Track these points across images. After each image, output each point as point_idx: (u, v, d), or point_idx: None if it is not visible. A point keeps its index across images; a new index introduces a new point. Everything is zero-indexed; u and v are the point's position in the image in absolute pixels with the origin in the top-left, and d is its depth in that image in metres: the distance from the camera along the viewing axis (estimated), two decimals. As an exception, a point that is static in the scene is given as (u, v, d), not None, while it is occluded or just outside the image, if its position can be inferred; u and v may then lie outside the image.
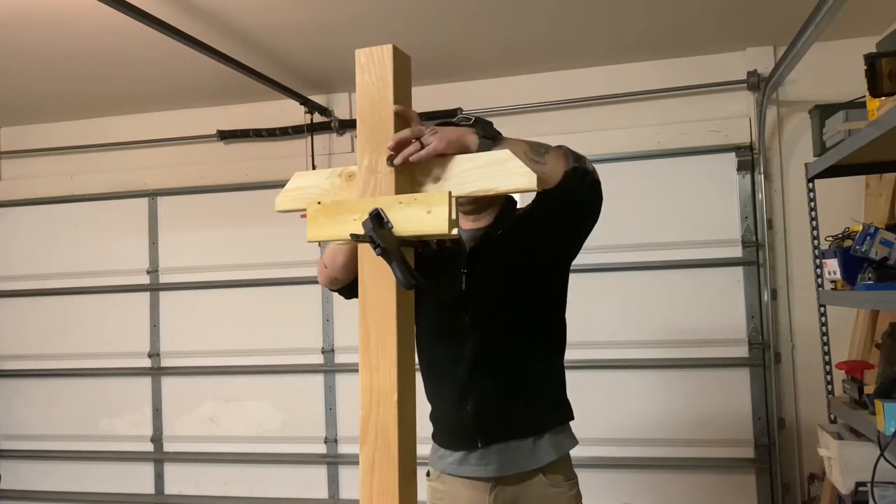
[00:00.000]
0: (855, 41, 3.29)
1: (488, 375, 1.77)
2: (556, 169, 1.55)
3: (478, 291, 1.79)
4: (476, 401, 1.78)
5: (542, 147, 1.57)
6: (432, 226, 1.31)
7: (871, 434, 2.16)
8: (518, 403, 1.78)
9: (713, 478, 3.51)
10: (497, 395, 1.78)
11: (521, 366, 1.79)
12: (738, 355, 3.52)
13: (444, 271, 1.84)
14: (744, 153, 3.54)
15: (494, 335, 1.78)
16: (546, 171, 1.52)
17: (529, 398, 1.79)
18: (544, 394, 1.82)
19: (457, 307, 1.81)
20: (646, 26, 3.24)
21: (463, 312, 1.80)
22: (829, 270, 2.56)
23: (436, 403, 1.89)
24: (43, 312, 4.44)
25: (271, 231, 4.01)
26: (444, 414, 1.86)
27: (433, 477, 1.90)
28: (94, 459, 4.33)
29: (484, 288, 1.79)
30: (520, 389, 1.78)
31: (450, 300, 1.82)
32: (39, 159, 4.52)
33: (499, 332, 1.78)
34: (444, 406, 1.86)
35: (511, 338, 1.79)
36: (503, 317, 1.78)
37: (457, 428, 1.81)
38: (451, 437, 1.84)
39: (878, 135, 1.94)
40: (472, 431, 1.78)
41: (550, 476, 1.78)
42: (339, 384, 4.02)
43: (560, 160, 1.58)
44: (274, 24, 3.05)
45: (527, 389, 1.79)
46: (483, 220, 1.85)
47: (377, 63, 1.37)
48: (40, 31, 3.02)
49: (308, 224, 1.42)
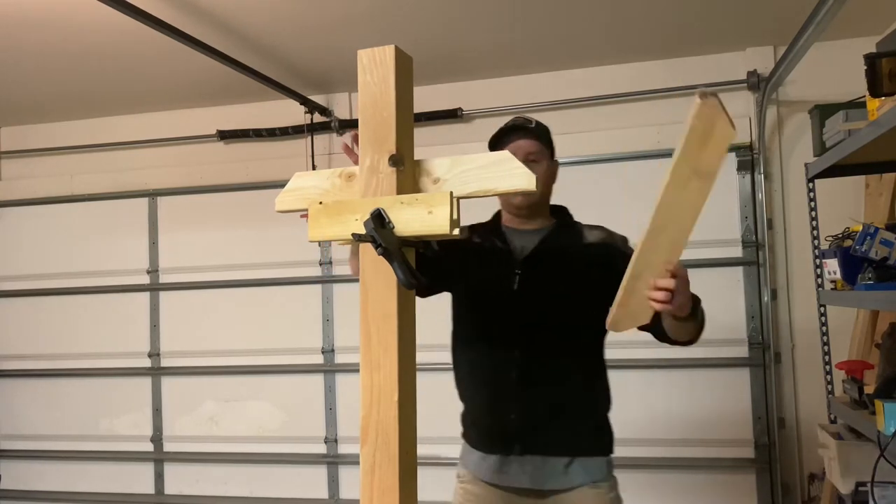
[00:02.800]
0: (855, 41, 3.29)
1: (538, 385, 1.74)
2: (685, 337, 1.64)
3: (531, 295, 1.76)
4: (521, 408, 1.75)
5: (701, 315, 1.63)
6: (433, 226, 1.31)
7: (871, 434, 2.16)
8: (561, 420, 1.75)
9: (713, 478, 3.51)
10: (543, 407, 1.74)
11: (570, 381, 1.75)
12: (738, 355, 3.52)
13: (492, 269, 1.80)
14: (744, 153, 3.54)
15: (545, 344, 1.74)
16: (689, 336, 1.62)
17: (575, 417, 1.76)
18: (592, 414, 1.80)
19: (507, 308, 1.77)
20: (646, 26, 3.24)
21: (513, 314, 1.76)
22: (829, 270, 2.56)
23: (473, 403, 1.87)
24: (43, 312, 4.44)
25: (271, 231, 4.01)
26: (483, 414, 1.83)
27: (466, 479, 1.88)
28: (94, 459, 4.33)
29: (538, 293, 1.75)
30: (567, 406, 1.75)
31: (502, 300, 1.78)
32: (39, 159, 4.52)
33: (549, 341, 1.74)
34: (483, 407, 1.83)
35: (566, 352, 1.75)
36: (555, 326, 1.74)
37: (495, 431, 1.78)
38: (487, 439, 1.80)
39: (878, 135, 1.94)
40: (511, 437, 1.75)
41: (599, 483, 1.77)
42: (339, 384, 4.02)
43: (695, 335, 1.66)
44: (274, 24, 3.05)
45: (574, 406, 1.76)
46: (536, 222, 1.83)
47: (379, 64, 1.37)
48: (40, 31, 3.02)
49: (309, 224, 1.42)
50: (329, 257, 4.03)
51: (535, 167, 1.73)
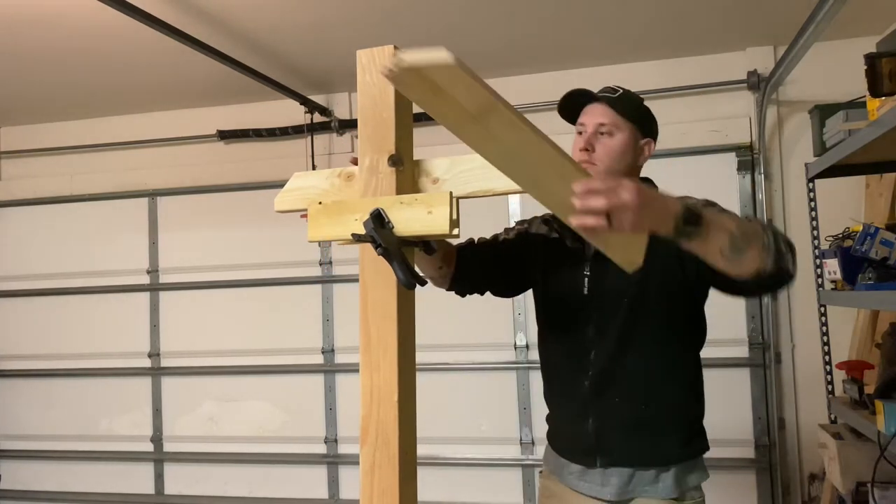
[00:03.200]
0: (855, 41, 3.29)
1: (613, 394, 1.63)
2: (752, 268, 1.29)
3: (602, 299, 1.63)
4: (598, 419, 1.63)
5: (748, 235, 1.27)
6: (433, 226, 1.31)
7: (871, 434, 2.17)
8: (644, 431, 1.62)
9: (713, 478, 3.48)
10: (621, 419, 1.62)
11: (652, 388, 1.63)
12: (738, 355, 3.52)
13: (564, 270, 1.69)
14: (744, 153, 3.54)
15: (621, 349, 1.61)
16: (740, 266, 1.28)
17: (657, 426, 1.63)
18: (678, 425, 1.65)
19: (579, 313, 1.66)
20: (646, 26, 3.24)
21: (585, 320, 1.65)
22: (829, 270, 2.56)
23: (554, 409, 1.77)
24: (43, 312, 4.44)
25: (271, 231, 4.01)
26: (563, 423, 1.73)
27: (549, 477, 1.78)
28: (94, 459, 4.33)
29: (608, 297, 1.62)
30: (647, 415, 1.62)
31: (572, 304, 1.67)
32: (39, 159, 4.52)
33: (625, 346, 1.61)
34: (563, 414, 1.73)
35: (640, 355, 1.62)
36: (631, 334, 1.61)
37: (575, 441, 1.68)
38: (569, 449, 1.71)
39: (878, 135, 1.94)
40: (591, 449, 1.65)
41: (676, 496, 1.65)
42: (339, 384, 4.02)
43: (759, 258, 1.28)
44: (274, 24, 3.05)
45: (655, 416, 1.62)
46: None
47: (378, 64, 1.37)
48: (40, 31, 3.02)
49: (309, 224, 1.42)
50: (329, 257, 4.03)
51: (604, 140, 1.65)
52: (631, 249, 1.26)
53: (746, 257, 1.26)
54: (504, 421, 3.73)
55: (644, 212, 1.09)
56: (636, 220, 1.08)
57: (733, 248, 1.24)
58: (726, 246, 1.23)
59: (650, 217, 1.12)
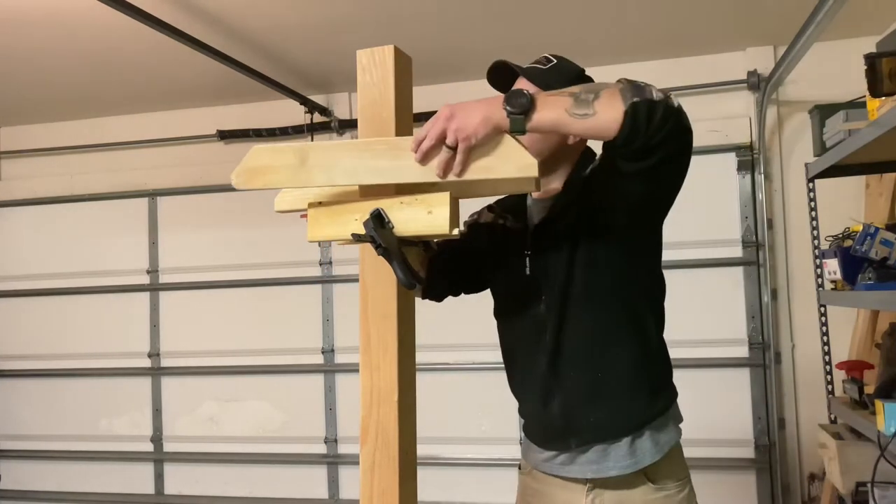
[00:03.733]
0: (855, 41, 3.29)
1: (572, 370, 1.56)
2: (611, 114, 1.24)
3: (546, 275, 1.56)
4: (562, 399, 1.57)
5: (591, 92, 1.27)
6: (433, 226, 1.32)
7: (871, 434, 2.16)
8: (610, 401, 1.54)
9: (713, 478, 3.51)
10: (585, 392, 1.55)
11: (611, 356, 1.54)
12: (738, 355, 3.52)
13: (509, 253, 1.63)
14: (744, 153, 3.54)
15: (574, 323, 1.54)
16: (597, 122, 1.25)
17: (623, 392, 1.55)
18: (640, 384, 1.56)
19: (526, 294, 1.59)
20: (646, 26, 3.24)
21: (534, 300, 1.58)
22: (829, 270, 2.56)
23: (521, 398, 1.70)
24: (43, 312, 4.44)
25: (271, 231, 4.01)
26: (532, 410, 1.66)
27: (525, 471, 1.73)
28: (94, 459, 4.33)
29: (552, 270, 1.55)
30: (611, 383, 1.54)
31: (518, 287, 1.61)
32: (39, 159, 4.52)
33: (578, 319, 1.54)
34: (530, 402, 1.66)
35: (594, 324, 1.54)
36: (580, 301, 1.53)
37: (546, 426, 1.62)
38: (542, 435, 1.65)
39: (878, 135, 1.94)
40: (563, 432, 1.58)
41: (655, 478, 1.56)
42: (339, 384, 4.02)
43: (615, 102, 1.25)
44: (274, 24, 3.05)
45: (619, 382, 1.54)
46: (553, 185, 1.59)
47: (379, 64, 1.37)
48: (40, 31, 3.02)
49: (309, 224, 1.42)
50: (329, 257, 4.03)
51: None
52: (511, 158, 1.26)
53: (600, 104, 1.25)
54: (504, 421, 3.73)
55: (462, 115, 1.24)
56: (462, 126, 1.23)
57: (578, 103, 1.25)
58: (570, 105, 1.26)
59: (473, 116, 1.24)
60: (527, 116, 1.25)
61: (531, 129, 1.27)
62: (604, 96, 1.26)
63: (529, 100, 1.25)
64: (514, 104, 1.25)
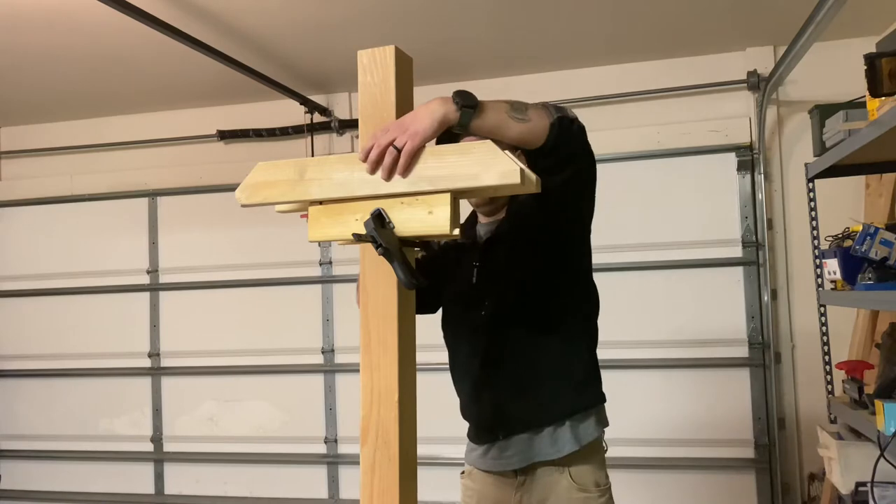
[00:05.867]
0: (855, 41, 3.29)
1: (500, 367, 1.73)
2: (541, 122, 1.43)
3: (489, 283, 1.75)
4: (491, 394, 1.75)
5: (522, 104, 1.45)
6: (434, 226, 1.32)
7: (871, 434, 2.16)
8: (532, 393, 1.71)
9: (713, 478, 3.51)
10: (511, 388, 1.72)
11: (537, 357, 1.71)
12: (738, 355, 3.52)
13: (460, 265, 1.82)
14: (744, 153, 3.54)
15: (507, 326, 1.73)
16: (531, 127, 1.42)
17: (545, 388, 1.71)
18: (563, 382, 1.72)
19: (470, 301, 1.77)
20: (646, 26, 3.24)
21: (476, 306, 1.76)
22: (829, 270, 2.56)
23: (460, 398, 1.88)
24: (43, 312, 4.44)
25: (271, 231, 4.01)
26: (467, 408, 1.85)
27: (465, 474, 1.88)
28: (94, 459, 4.33)
29: (494, 279, 1.75)
30: (535, 381, 1.71)
31: (464, 295, 1.79)
32: (39, 159, 4.52)
33: (511, 322, 1.72)
34: (466, 400, 1.85)
35: (525, 326, 1.72)
36: (514, 306, 1.72)
37: (478, 421, 1.81)
38: (475, 431, 1.82)
39: (878, 135, 1.94)
40: (491, 424, 1.75)
41: (578, 479, 1.70)
42: (339, 384, 4.02)
43: (542, 113, 1.45)
44: (274, 24, 3.05)
45: (541, 380, 1.71)
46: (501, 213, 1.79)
47: (379, 64, 1.37)
48: (40, 31, 3.02)
49: (309, 224, 1.42)
50: (329, 257, 4.03)
51: None
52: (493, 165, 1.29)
53: (532, 114, 1.43)
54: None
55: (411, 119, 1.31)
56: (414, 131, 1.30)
57: (515, 109, 1.41)
58: (508, 109, 1.41)
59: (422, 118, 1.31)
60: (475, 111, 1.35)
61: (475, 127, 1.37)
62: (532, 108, 1.44)
63: (476, 100, 1.37)
64: (465, 98, 1.35)
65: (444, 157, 1.32)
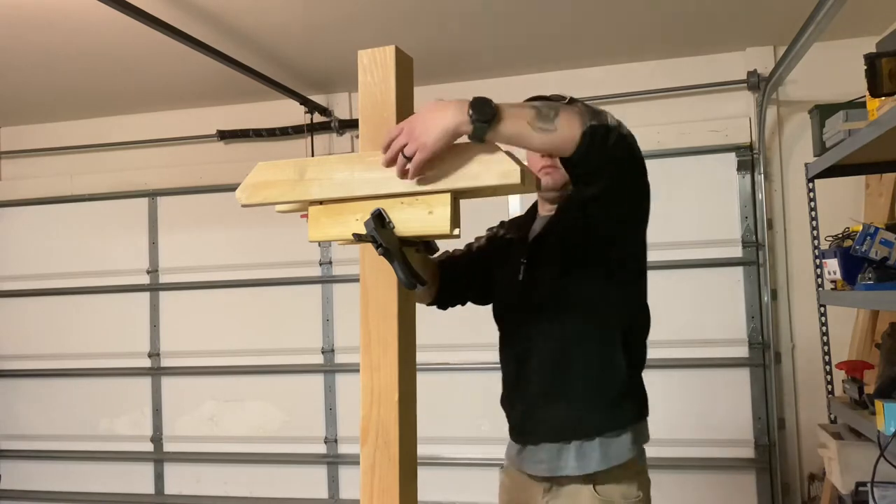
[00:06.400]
0: (855, 41, 3.29)
1: (536, 373, 1.68)
2: (570, 132, 1.33)
3: (534, 283, 1.69)
4: (523, 399, 1.71)
5: (552, 110, 1.34)
6: (434, 226, 1.32)
7: (871, 434, 2.16)
8: (563, 403, 1.64)
9: (713, 478, 3.51)
10: (541, 394, 1.67)
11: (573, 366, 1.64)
12: (738, 355, 3.52)
13: (509, 261, 1.76)
14: (744, 153, 3.54)
15: (545, 331, 1.66)
16: (557, 138, 1.33)
17: (575, 398, 1.63)
18: (597, 397, 1.63)
19: (516, 298, 1.72)
20: (646, 26, 3.24)
21: (522, 305, 1.71)
22: (829, 270, 2.56)
23: (502, 392, 1.86)
24: (43, 312, 4.44)
25: (271, 231, 4.01)
26: (506, 404, 1.83)
27: (504, 468, 1.86)
28: (94, 459, 4.33)
29: (539, 280, 1.67)
30: (567, 391, 1.64)
31: (510, 292, 1.75)
32: (39, 159, 4.52)
33: (550, 327, 1.65)
34: (505, 397, 1.83)
35: (562, 334, 1.64)
36: (554, 310, 1.64)
37: (513, 422, 1.78)
38: (512, 430, 1.80)
39: (878, 135, 1.94)
40: (523, 428, 1.72)
41: (603, 493, 1.61)
42: (339, 384, 4.02)
43: (574, 121, 1.34)
44: (274, 23, 3.05)
45: (575, 391, 1.63)
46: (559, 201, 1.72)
47: (380, 64, 1.37)
48: (41, 31, 3.02)
49: (309, 224, 1.42)
50: (329, 257, 4.03)
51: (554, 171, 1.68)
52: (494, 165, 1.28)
53: (561, 122, 1.32)
54: (504, 421, 3.72)
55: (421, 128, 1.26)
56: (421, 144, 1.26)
57: (541, 117, 1.32)
58: (533, 117, 1.31)
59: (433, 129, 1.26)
60: (490, 125, 1.28)
61: (491, 138, 1.30)
62: (564, 114, 1.33)
63: (494, 109, 1.29)
64: (481, 111, 1.28)
65: (444, 156, 1.32)
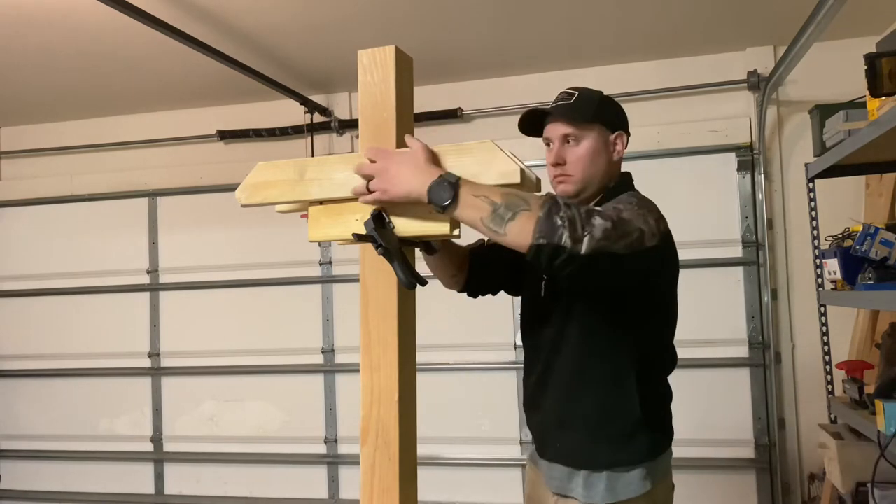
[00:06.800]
0: (855, 41, 3.29)
1: (551, 391, 1.66)
2: (519, 241, 1.28)
3: (556, 302, 1.64)
4: (540, 415, 1.71)
5: (510, 210, 1.26)
6: (434, 226, 1.32)
7: (871, 434, 2.17)
8: (572, 432, 1.63)
9: (713, 478, 3.51)
10: (556, 418, 1.65)
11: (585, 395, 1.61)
12: (738, 355, 3.52)
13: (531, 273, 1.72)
14: (744, 153, 3.54)
15: (565, 354, 1.63)
16: (508, 242, 1.29)
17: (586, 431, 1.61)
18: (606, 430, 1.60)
19: (539, 315, 1.69)
20: (646, 26, 3.24)
21: (544, 321, 1.67)
22: (829, 270, 2.56)
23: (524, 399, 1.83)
24: (43, 312, 4.44)
25: (271, 231, 4.01)
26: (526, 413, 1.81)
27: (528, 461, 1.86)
28: (94, 459, 4.33)
29: (561, 299, 1.63)
30: (578, 419, 1.62)
31: (534, 306, 1.73)
32: (39, 159, 4.52)
33: (569, 351, 1.62)
34: (526, 410, 1.81)
35: (577, 361, 1.61)
36: (570, 336, 1.61)
37: (533, 431, 1.78)
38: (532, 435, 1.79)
39: (878, 135, 1.94)
40: (541, 441, 1.73)
41: None
42: (339, 384, 4.02)
43: (526, 230, 1.26)
44: (274, 24, 3.05)
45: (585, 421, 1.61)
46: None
47: (380, 64, 1.37)
48: (41, 31, 3.02)
49: (309, 224, 1.42)
50: (329, 257, 4.03)
51: (572, 149, 1.65)
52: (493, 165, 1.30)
53: (512, 228, 1.26)
54: (504, 421, 3.73)
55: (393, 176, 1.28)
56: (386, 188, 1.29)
57: (494, 218, 1.27)
58: (487, 216, 1.27)
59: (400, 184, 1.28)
60: (445, 210, 1.27)
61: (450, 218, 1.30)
62: (519, 219, 1.26)
63: (453, 195, 1.26)
64: (437, 197, 1.26)
65: (443, 157, 1.33)
